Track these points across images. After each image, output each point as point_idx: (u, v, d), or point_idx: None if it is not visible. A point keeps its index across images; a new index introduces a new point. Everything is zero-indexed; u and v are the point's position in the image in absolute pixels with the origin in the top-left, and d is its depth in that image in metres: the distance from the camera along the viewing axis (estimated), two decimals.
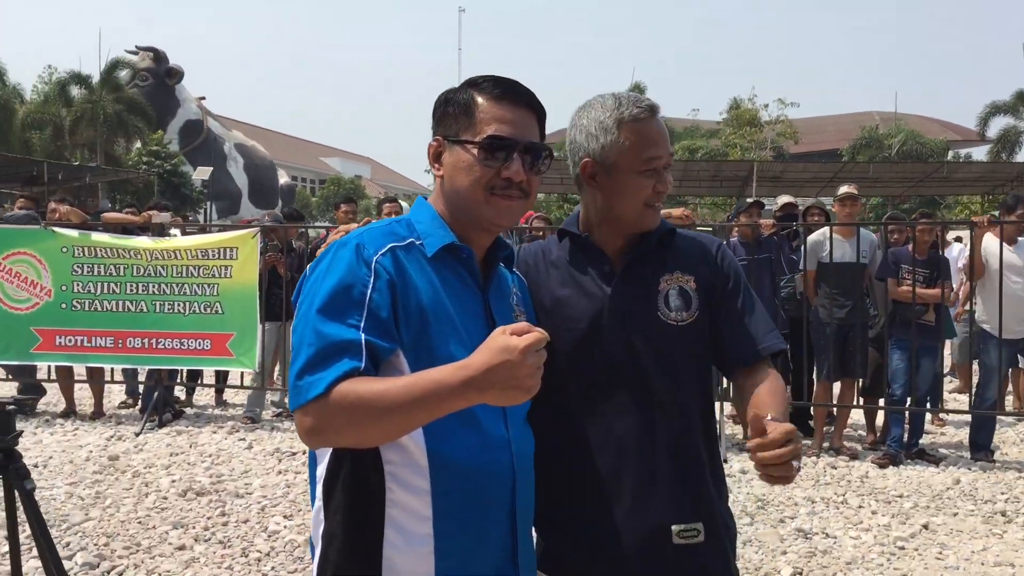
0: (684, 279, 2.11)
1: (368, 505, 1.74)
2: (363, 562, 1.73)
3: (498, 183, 1.83)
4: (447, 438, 1.74)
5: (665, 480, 2.02)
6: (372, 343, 1.67)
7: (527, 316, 2.01)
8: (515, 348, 1.52)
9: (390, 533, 1.72)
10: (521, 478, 1.83)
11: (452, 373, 1.57)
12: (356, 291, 1.70)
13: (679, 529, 2.01)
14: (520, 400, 1.57)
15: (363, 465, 1.75)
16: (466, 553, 1.75)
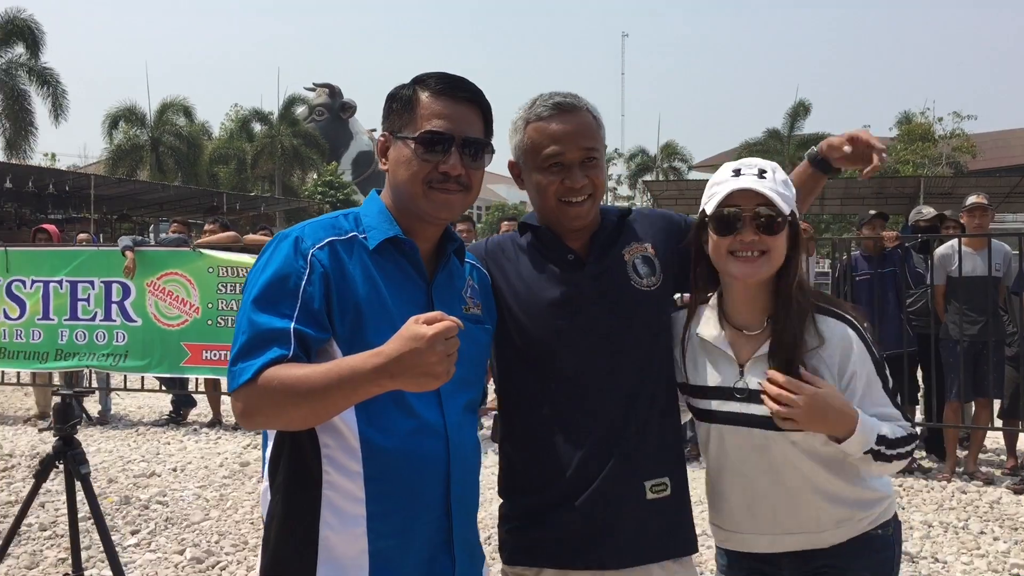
0: (642, 248, 2.23)
1: (306, 486, 1.85)
2: (300, 541, 1.84)
3: (436, 177, 1.92)
4: (379, 423, 1.83)
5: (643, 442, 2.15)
6: (303, 332, 1.79)
7: (483, 307, 2.09)
8: (423, 336, 1.62)
9: (326, 513, 1.83)
10: (457, 465, 1.90)
11: (366, 360, 1.68)
12: (291, 282, 1.83)
13: (651, 484, 2.15)
14: (431, 386, 1.66)
15: (302, 448, 1.86)
16: (398, 535, 1.84)
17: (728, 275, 2.18)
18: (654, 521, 2.14)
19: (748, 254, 2.12)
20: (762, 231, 2.11)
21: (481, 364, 2.07)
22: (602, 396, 2.15)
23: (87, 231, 14.56)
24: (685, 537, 2.21)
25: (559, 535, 2.14)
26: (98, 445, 8.34)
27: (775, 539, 2.21)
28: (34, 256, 9.56)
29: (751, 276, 2.14)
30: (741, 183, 2.12)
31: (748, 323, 2.20)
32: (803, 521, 2.19)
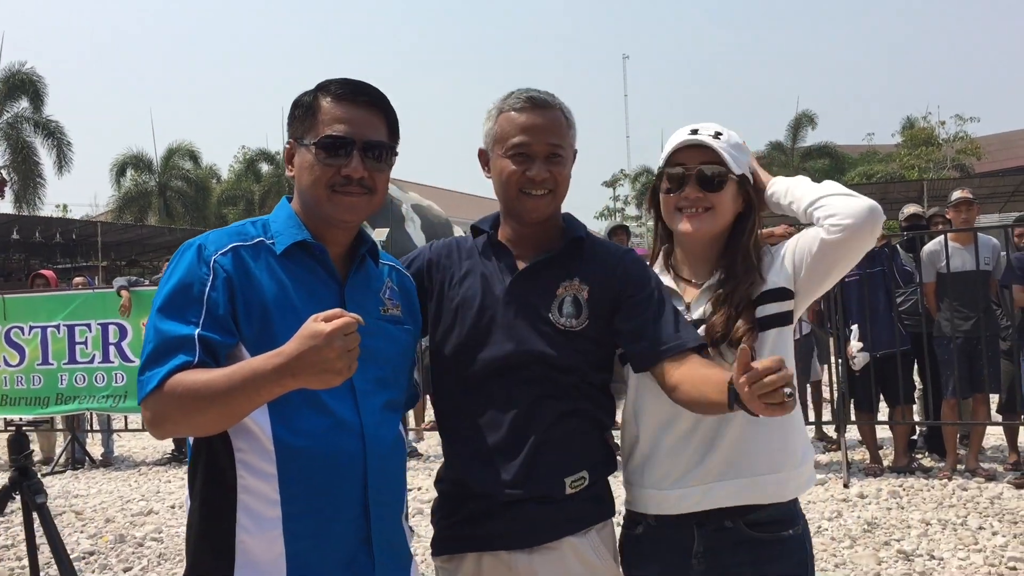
0: (580, 288, 2.19)
1: (221, 491, 1.85)
2: (217, 546, 1.84)
3: (338, 180, 1.94)
4: (292, 423, 1.84)
5: (554, 448, 2.14)
6: (208, 338, 1.81)
7: (404, 308, 2.10)
8: (321, 333, 1.63)
9: (242, 517, 1.83)
10: (374, 463, 1.90)
11: (267, 360, 1.69)
12: (195, 289, 1.85)
13: (570, 480, 2.14)
14: (333, 383, 1.67)
15: (215, 453, 1.87)
16: (315, 537, 1.84)
17: (675, 229, 2.27)
18: (571, 507, 2.15)
19: (693, 210, 2.22)
20: (706, 188, 2.21)
21: (401, 365, 2.07)
22: (509, 401, 2.16)
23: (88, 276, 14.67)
24: (602, 506, 2.23)
25: (475, 527, 2.18)
26: (99, 487, 8.36)
27: (707, 490, 2.15)
28: (31, 302, 9.64)
29: (696, 232, 2.23)
30: (688, 138, 2.22)
31: (696, 276, 2.30)
32: (738, 459, 2.15)
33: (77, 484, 8.50)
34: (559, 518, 2.14)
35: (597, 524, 2.19)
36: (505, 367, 2.16)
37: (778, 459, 2.19)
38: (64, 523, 6.89)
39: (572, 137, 2.25)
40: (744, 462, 2.17)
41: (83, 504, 7.57)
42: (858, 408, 7.54)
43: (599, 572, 2.16)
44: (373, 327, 1.98)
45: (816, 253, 2.15)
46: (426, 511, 5.49)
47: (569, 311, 2.18)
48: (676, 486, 2.18)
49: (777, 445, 2.19)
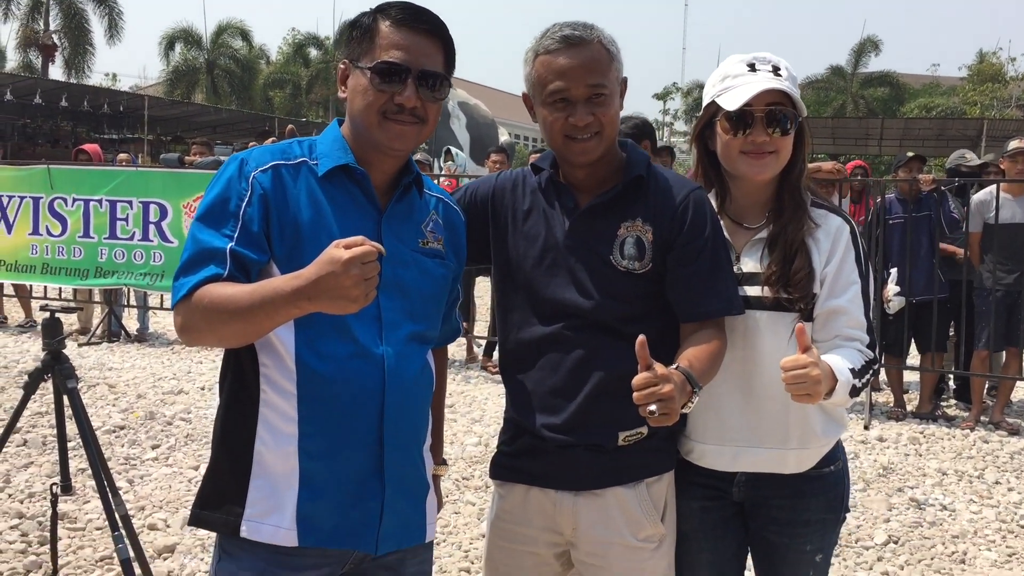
0: (643, 229, 2.14)
1: (245, 403, 1.90)
2: (236, 453, 1.90)
3: (390, 108, 1.92)
4: (316, 347, 1.86)
5: (611, 399, 2.10)
6: (240, 254, 1.83)
7: (446, 243, 2.09)
8: (338, 260, 1.65)
9: (261, 430, 1.88)
10: (393, 394, 1.91)
11: (286, 282, 1.72)
12: (232, 204, 1.87)
13: (624, 435, 2.12)
14: (349, 310, 1.68)
15: (243, 364, 1.91)
16: (328, 458, 1.87)
17: (738, 172, 2.23)
18: (622, 458, 2.14)
19: (759, 153, 2.17)
20: (774, 131, 2.15)
21: (435, 299, 2.07)
22: (567, 346, 2.14)
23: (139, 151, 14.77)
24: (658, 459, 2.20)
25: (526, 461, 2.20)
26: (133, 361, 8.57)
27: (738, 454, 2.19)
28: (76, 174, 9.73)
29: (760, 175, 2.20)
30: (765, 83, 2.14)
31: (748, 218, 2.27)
32: (771, 430, 2.18)
33: (112, 357, 8.72)
34: (607, 468, 2.14)
35: (650, 477, 2.17)
36: (565, 311, 2.15)
37: (810, 434, 2.21)
38: (97, 395, 7.10)
39: (617, 70, 2.15)
40: (776, 433, 2.20)
41: (116, 378, 7.78)
42: (888, 351, 7.49)
43: (642, 526, 2.15)
44: (408, 258, 1.98)
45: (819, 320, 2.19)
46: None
47: (631, 252, 2.13)
48: (712, 441, 2.22)
49: (815, 420, 2.21)
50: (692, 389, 1.92)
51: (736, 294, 2.15)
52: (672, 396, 1.80)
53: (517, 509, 2.23)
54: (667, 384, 1.81)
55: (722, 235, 2.18)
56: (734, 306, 2.14)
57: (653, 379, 1.80)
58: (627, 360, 2.10)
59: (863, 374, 2.11)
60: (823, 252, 2.19)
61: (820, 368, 1.91)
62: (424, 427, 2.06)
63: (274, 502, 1.86)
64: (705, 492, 2.27)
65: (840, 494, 2.30)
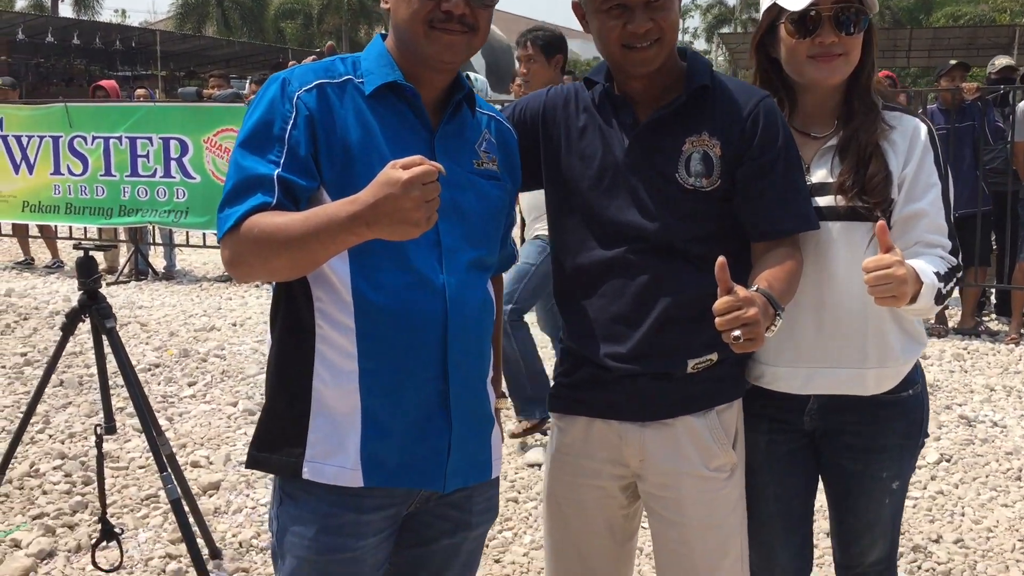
0: (710, 143, 1.98)
1: (300, 339, 1.79)
2: (293, 393, 1.79)
3: (437, 16, 1.77)
4: (373, 278, 1.75)
5: (679, 326, 1.99)
6: (287, 180, 1.70)
7: (501, 163, 1.96)
8: (397, 181, 1.53)
9: (319, 367, 1.78)
10: (456, 325, 1.80)
11: (341, 207, 1.60)
12: (276, 127, 1.74)
13: (694, 363, 2.00)
14: (410, 235, 1.57)
15: (295, 300, 1.80)
16: (391, 393, 1.77)
17: (805, 79, 2.09)
18: (691, 385, 2.03)
19: (828, 56, 2.04)
20: (843, 31, 2.03)
21: (493, 223, 1.95)
22: (631, 271, 2.01)
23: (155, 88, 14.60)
24: (729, 386, 2.09)
25: (587, 392, 2.09)
26: (162, 299, 8.54)
27: (813, 375, 2.08)
28: (94, 112, 9.60)
29: (830, 79, 2.07)
30: None
31: (816, 126, 2.13)
32: (848, 349, 2.06)
33: (141, 296, 8.69)
34: (675, 397, 2.02)
35: (720, 405, 2.06)
36: (628, 234, 2.01)
37: (888, 352, 2.08)
38: (130, 333, 7.07)
39: None
40: (853, 352, 2.07)
41: (147, 316, 7.75)
42: None
43: (713, 455, 2.03)
44: (464, 180, 1.85)
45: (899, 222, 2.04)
46: None
47: (698, 169, 1.98)
48: (784, 363, 2.08)
49: (893, 337, 2.08)
50: (775, 311, 1.79)
51: (811, 208, 2.01)
52: (757, 320, 1.68)
53: (579, 442, 2.13)
54: (751, 307, 1.68)
55: (795, 146, 2.02)
56: (810, 221, 2.00)
57: (736, 303, 1.67)
58: (695, 284, 1.99)
59: (948, 279, 1.98)
60: (900, 154, 2.05)
61: (905, 269, 1.79)
62: (487, 359, 1.95)
63: (336, 442, 1.77)
64: (772, 425, 2.15)
65: (919, 419, 2.18)
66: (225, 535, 3.74)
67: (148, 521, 3.84)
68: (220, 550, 3.56)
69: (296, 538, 1.77)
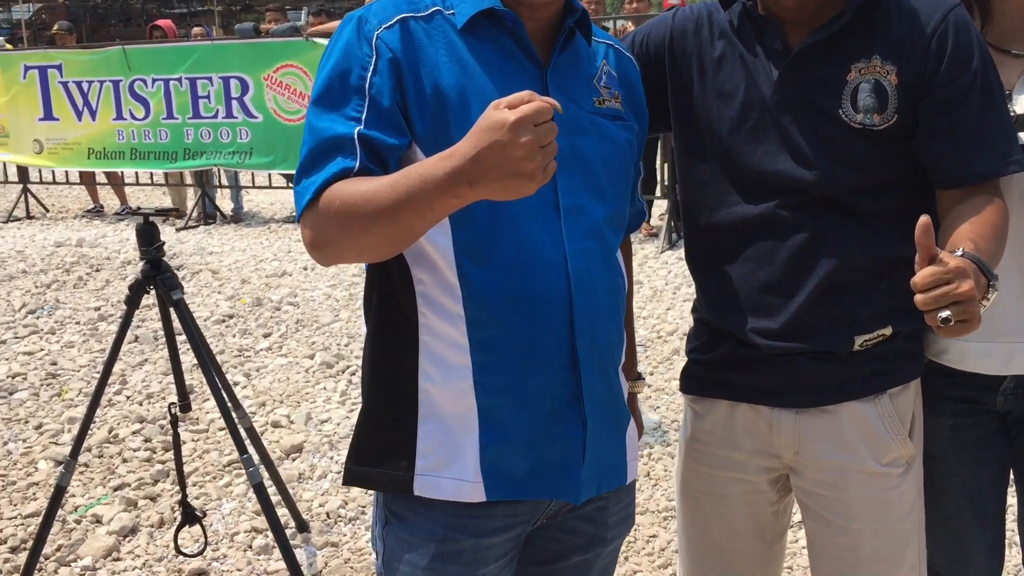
0: (884, 69, 1.60)
1: (401, 331, 1.51)
2: (398, 397, 1.51)
3: None
4: (480, 252, 1.45)
5: (844, 295, 1.66)
6: (371, 138, 1.40)
7: (624, 100, 1.62)
8: (504, 123, 1.21)
9: (425, 363, 1.49)
10: (583, 302, 1.49)
11: (436, 164, 1.28)
12: (354, 76, 1.43)
13: (863, 339, 1.67)
14: (524, 191, 1.25)
15: (393, 285, 1.51)
16: (512, 391, 1.48)
17: None
18: (858, 365, 1.70)
19: None
20: None
21: (622, 172, 1.61)
22: (785, 230, 1.67)
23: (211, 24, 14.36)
24: (906, 364, 1.73)
25: (731, 372, 1.77)
26: (232, 244, 8.39)
27: (1014, 353, 1.73)
28: (152, 53, 9.38)
29: None
30: None
31: (1017, 42, 1.75)
32: None
33: (210, 240, 8.56)
34: (839, 379, 1.69)
35: (894, 387, 1.71)
36: (779, 186, 1.66)
37: None
38: (202, 282, 6.93)
39: None
40: None
41: (218, 263, 7.60)
42: None
43: (886, 448, 1.70)
44: (585, 122, 1.53)
45: None
46: None
47: (868, 103, 1.60)
48: (977, 338, 1.64)
49: None
50: (988, 281, 1.42)
51: (1017, 146, 1.62)
52: (972, 296, 1.31)
53: (720, 429, 1.82)
54: (964, 280, 1.31)
55: (994, 68, 1.63)
56: (1017, 160, 1.61)
57: (944, 275, 1.30)
58: (863, 244, 1.64)
59: None
60: None
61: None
62: (620, 342, 1.64)
63: (452, 450, 1.49)
64: (958, 407, 1.80)
65: None
66: (311, 504, 3.55)
67: (232, 490, 3.66)
68: (307, 523, 3.37)
69: (408, 567, 1.51)
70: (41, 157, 9.95)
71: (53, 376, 4.99)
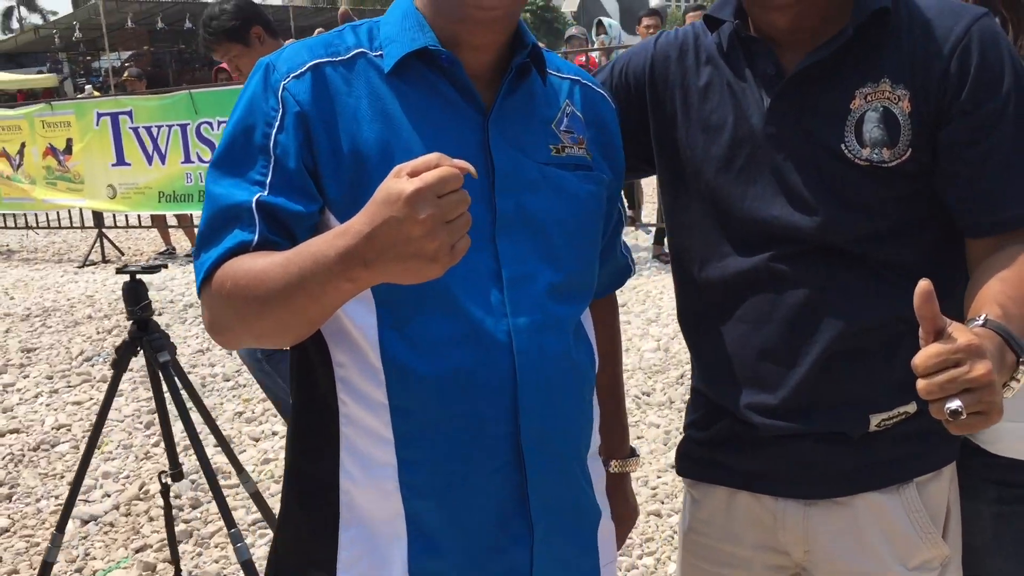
0: (894, 95, 1.35)
1: (319, 421, 1.31)
2: (317, 497, 1.32)
3: None
4: (408, 332, 1.24)
5: (856, 364, 1.40)
6: (274, 206, 1.21)
7: (593, 144, 1.40)
8: (399, 196, 1.01)
9: (346, 459, 1.29)
10: (530, 387, 1.27)
11: (328, 242, 1.09)
12: (258, 133, 1.25)
13: (880, 419, 1.40)
14: (428, 274, 1.05)
15: (312, 367, 1.32)
16: (445, 492, 1.27)
17: None
18: (877, 449, 1.43)
19: None
20: None
21: (584, 230, 1.38)
22: (782, 286, 1.42)
23: None
24: (936, 447, 1.45)
25: (728, 456, 1.53)
26: None
27: None
28: (217, 96, 9.46)
29: None
30: None
31: None
32: None
33: None
34: (853, 466, 1.42)
35: (922, 476, 1.43)
36: (774, 234, 1.41)
37: None
38: None
39: None
40: None
41: None
42: None
43: (914, 548, 1.42)
44: (535, 176, 1.31)
45: None
46: None
47: (876, 135, 1.35)
48: (1015, 415, 1.38)
49: None
50: (1017, 357, 1.14)
51: None
52: (989, 381, 1.03)
53: (719, 519, 1.57)
54: (978, 361, 1.03)
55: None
56: None
57: (952, 354, 1.03)
58: (876, 302, 1.38)
59: None
60: None
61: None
62: (586, 427, 1.41)
63: (377, 562, 1.28)
64: (1003, 492, 1.51)
65: None
66: None
67: (254, 552, 3.51)
68: None
69: None
70: (115, 202, 10.16)
71: None
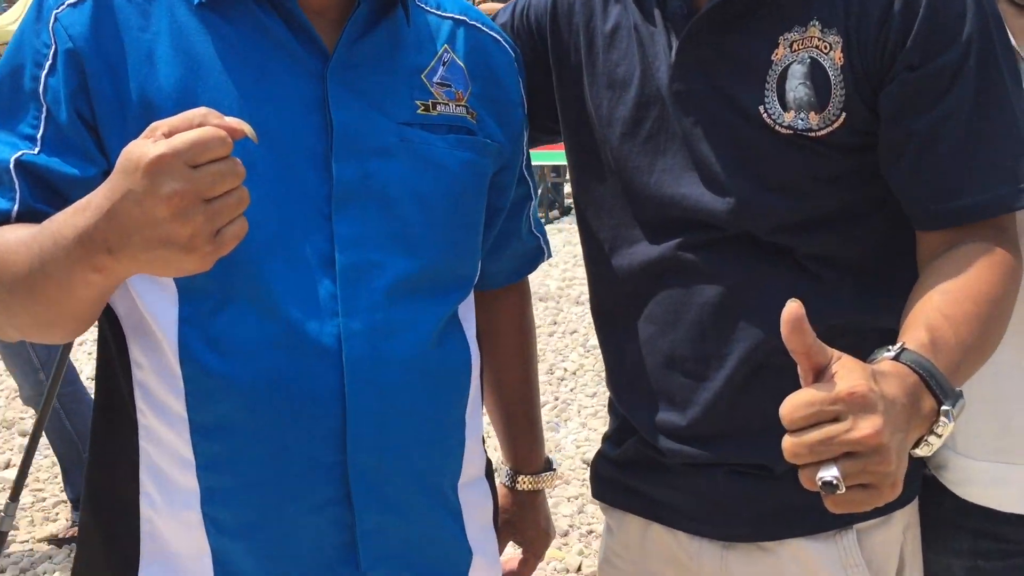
0: (824, 42, 1.06)
1: (117, 433, 1.08)
2: (115, 524, 1.09)
3: None
4: (212, 328, 1.00)
5: (780, 374, 1.09)
6: (40, 167, 0.98)
7: (477, 103, 1.15)
8: (138, 163, 0.78)
9: (146, 481, 1.06)
10: (362, 404, 1.02)
11: (66, 220, 0.87)
12: (27, 75, 1.00)
13: None
14: (186, 268, 0.83)
15: (110, 366, 1.09)
16: (255, 531, 1.03)
17: None
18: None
19: None
20: None
21: (451, 207, 1.11)
22: (691, 281, 1.16)
23: None
24: None
25: (641, 481, 1.28)
26: None
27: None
28: None
29: None
30: None
31: None
32: None
33: None
34: (777, 505, 1.15)
35: (863, 522, 1.14)
36: (683, 217, 1.15)
37: None
38: None
39: None
40: None
41: None
42: None
43: None
44: (390, 139, 1.06)
45: None
46: None
47: (802, 96, 1.06)
48: (987, 455, 1.15)
49: None
50: (937, 403, 0.87)
51: None
52: (878, 445, 0.76)
53: (633, 552, 1.31)
54: (864, 417, 0.77)
55: (1001, 36, 1.05)
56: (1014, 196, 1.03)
57: (829, 403, 0.78)
58: (806, 304, 1.09)
59: None
60: None
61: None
62: (455, 449, 1.15)
63: None
64: (979, 544, 1.23)
65: None
66: None
67: None
68: None
69: None
70: None
71: None
